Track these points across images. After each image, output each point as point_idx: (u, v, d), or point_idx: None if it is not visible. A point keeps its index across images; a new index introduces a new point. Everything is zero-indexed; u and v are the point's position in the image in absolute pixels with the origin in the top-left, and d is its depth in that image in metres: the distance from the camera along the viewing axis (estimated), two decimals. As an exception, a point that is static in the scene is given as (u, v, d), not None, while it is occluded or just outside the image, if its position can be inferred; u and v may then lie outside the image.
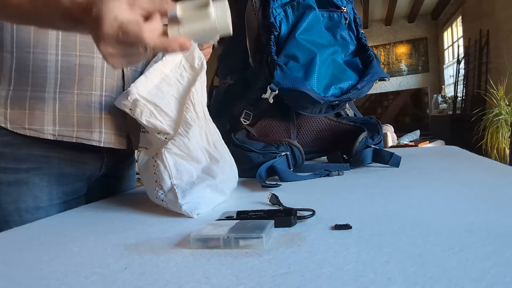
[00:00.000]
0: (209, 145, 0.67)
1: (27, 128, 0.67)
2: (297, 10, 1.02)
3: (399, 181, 0.72)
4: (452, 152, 1.15)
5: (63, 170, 0.73)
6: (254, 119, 1.06)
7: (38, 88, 0.68)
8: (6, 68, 0.66)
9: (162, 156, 0.61)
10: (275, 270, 0.33)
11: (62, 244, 0.47)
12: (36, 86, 0.67)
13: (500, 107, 4.47)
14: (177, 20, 0.47)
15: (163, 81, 0.66)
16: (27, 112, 0.67)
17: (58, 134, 0.69)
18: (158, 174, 0.61)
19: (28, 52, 0.66)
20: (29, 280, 0.36)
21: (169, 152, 0.62)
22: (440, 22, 7.70)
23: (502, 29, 4.78)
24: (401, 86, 7.92)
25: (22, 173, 0.68)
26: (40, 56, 0.67)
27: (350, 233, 0.42)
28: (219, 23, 0.48)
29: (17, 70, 0.67)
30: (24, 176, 0.68)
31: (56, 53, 0.68)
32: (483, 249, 0.34)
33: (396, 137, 4.95)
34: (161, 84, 0.65)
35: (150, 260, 0.38)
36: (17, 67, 0.66)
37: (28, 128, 0.67)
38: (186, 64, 0.69)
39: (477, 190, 0.59)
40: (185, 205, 0.57)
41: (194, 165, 0.63)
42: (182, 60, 0.69)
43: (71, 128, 0.71)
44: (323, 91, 0.94)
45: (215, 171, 0.64)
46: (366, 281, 0.30)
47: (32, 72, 0.67)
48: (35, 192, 0.69)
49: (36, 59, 0.67)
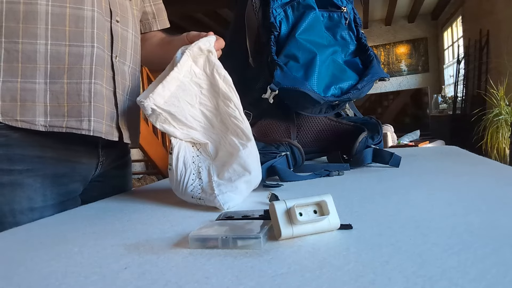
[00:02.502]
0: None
1: (19, 120, 0.67)
2: (297, 10, 1.02)
3: (399, 181, 0.72)
4: (452, 152, 1.15)
5: (57, 171, 0.73)
6: (254, 119, 1.06)
7: (28, 79, 0.67)
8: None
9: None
10: (275, 270, 0.33)
11: (62, 244, 0.47)
12: (26, 77, 0.67)
13: (500, 107, 4.47)
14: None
15: (179, 88, 0.66)
16: (18, 104, 0.67)
17: (49, 125, 0.69)
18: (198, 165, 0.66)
19: (17, 42, 0.66)
20: (29, 280, 0.36)
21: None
22: (440, 22, 7.70)
23: (502, 29, 4.78)
24: (401, 86, 7.92)
25: (16, 174, 0.68)
26: (29, 46, 0.67)
27: (350, 233, 0.42)
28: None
29: (6, 61, 0.66)
30: (18, 178, 0.68)
31: (45, 43, 0.68)
32: (483, 249, 0.34)
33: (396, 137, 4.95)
34: (177, 91, 0.66)
35: (150, 260, 0.38)
36: (5, 58, 0.66)
37: (20, 120, 0.67)
38: (195, 69, 0.69)
39: (477, 190, 0.59)
40: (219, 196, 0.59)
41: (238, 168, 0.65)
42: (192, 65, 0.68)
43: (61, 118, 0.70)
44: (323, 91, 0.94)
45: (251, 165, 0.65)
46: (366, 281, 0.30)
47: (21, 63, 0.67)
48: (29, 193, 0.69)
49: (25, 49, 0.67)
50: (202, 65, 0.69)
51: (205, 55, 0.69)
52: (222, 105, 0.68)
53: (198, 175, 0.66)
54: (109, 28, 0.77)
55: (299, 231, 0.41)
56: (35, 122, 0.68)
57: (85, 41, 0.71)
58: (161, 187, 0.90)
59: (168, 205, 0.66)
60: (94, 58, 0.73)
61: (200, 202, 0.62)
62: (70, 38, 0.70)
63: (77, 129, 0.71)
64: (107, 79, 0.76)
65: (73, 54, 0.70)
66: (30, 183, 0.69)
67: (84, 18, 0.71)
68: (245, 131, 0.68)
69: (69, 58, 0.70)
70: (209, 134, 0.70)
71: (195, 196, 0.62)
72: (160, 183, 1.01)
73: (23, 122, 0.67)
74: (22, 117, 0.67)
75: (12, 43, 0.66)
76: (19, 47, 0.66)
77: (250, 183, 0.65)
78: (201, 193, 0.62)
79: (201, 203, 0.61)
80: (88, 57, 0.72)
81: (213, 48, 0.70)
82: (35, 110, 0.68)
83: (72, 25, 0.70)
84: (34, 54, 0.67)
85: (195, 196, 0.62)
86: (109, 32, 0.77)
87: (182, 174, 0.65)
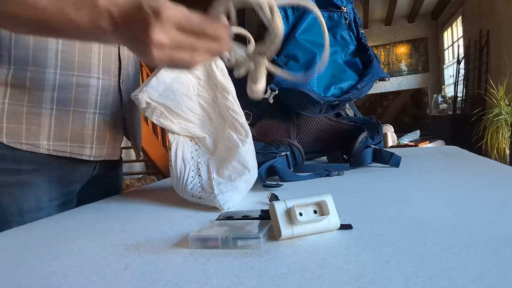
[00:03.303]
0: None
1: (23, 142, 0.68)
2: (297, 10, 1.02)
3: (399, 181, 0.72)
4: (452, 152, 1.15)
5: (61, 171, 0.74)
6: (254, 119, 1.06)
7: (35, 104, 0.68)
8: (1, 83, 0.66)
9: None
10: (275, 270, 0.33)
11: (62, 244, 0.47)
12: (33, 101, 0.68)
13: (500, 107, 4.48)
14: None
15: (174, 81, 0.66)
16: (24, 127, 0.68)
17: (52, 149, 0.71)
18: (199, 165, 0.66)
19: (26, 70, 0.66)
20: (29, 280, 0.36)
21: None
22: (440, 22, 7.70)
23: (502, 29, 4.78)
24: (401, 86, 7.92)
25: (24, 174, 0.69)
26: (38, 74, 0.67)
27: (350, 233, 0.42)
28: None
29: (14, 86, 0.66)
30: (26, 177, 0.69)
31: (54, 72, 0.69)
32: (483, 249, 0.34)
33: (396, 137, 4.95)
34: (173, 84, 0.66)
35: (150, 260, 0.38)
36: (13, 83, 0.66)
37: (25, 143, 0.68)
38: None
39: (477, 190, 0.59)
40: (219, 196, 0.59)
41: (238, 167, 0.65)
42: None
43: (64, 143, 0.72)
44: (323, 91, 0.94)
45: (250, 163, 0.65)
46: (366, 281, 0.30)
47: (28, 89, 0.67)
48: (36, 192, 0.70)
49: (34, 77, 0.67)
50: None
51: None
52: (220, 97, 0.68)
53: (198, 171, 0.66)
54: (116, 54, 0.78)
55: (299, 231, 0.41)
56: (39, 146, 0.69)
57: (92, 72, 0.73)
58: (161, 187, 0.90)
59: (168, 205, 0.66)
60: (100, 89, 0.75)
61: (200, 202, 0.62)
62: (78, 68, 0.71)
63: (79, 155, 0.75)
64: (112, 107, 0.79)
65: (81, 84, 0.72)
66: (37, 183, 0.70)
67: (91, 48, 0.73)
68: (244, 125, 0.68)
69: (76, 88, 0.72)
70: (207, 127, 0.70)
71: (195, 195, 0.62)
72: (160, 183, 1.01)
73: (28, 145, 0.68)
74: (27, 140, 0.68)
75: (22, 71, 0.66)
76: (27, 74, 0.67)
77: (249, 181, 0.65)
78: (201, 191, 0.62)
79: (201, 202, 0.61)
80: (94, 89, 0.74)
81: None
82: (39, 134, 0.69)
83: (81, 55, 0.71)
84: (42, 82, 0.68)
85: (195, 195, 0.62)
86: (116, 58, 0.78)
87: (181, 170, 0.65)
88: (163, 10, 0.39)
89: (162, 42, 0.40)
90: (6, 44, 0.65)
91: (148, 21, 0.40)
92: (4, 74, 0.66)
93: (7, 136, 0.66)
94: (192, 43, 0.40)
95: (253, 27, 1.04)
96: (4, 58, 0.65)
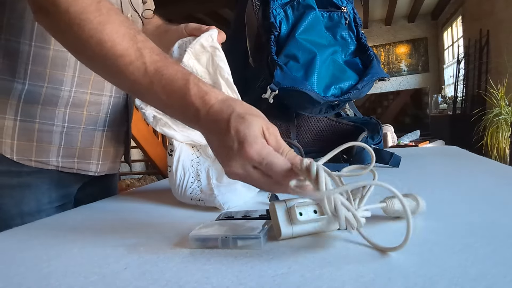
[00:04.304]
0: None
1: (33, 160, 0.68)
2: (297, 10, 1.01)
3: (399, 181, 0.72)
4: (452, 152, 1.15)
5: (61, 174, 0.74)
6: (254, 119, 1.06)
7: (46, 121, 0.68)
8: (14, 98, 0.65)
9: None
10: (275, 270, 0.33)
11: (62, 244, 0.47)
12: (44, 118, 0.68)
13: (500, 107, 4.48)
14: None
15: None
16: (34, 144, 0.68)
17: (61, 166, 0.72)
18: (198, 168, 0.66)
19: (42, 86, 0.66)
20: (29, 280, 0.36)
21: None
22: (440, 22, 7.70)
23: (502, 29, 4.78)
24: (401, 86, 7.92)
25: (25, 176, 0.68)
26: (53, 91, 0.67)
27: (350, 233, 0.42)
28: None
29: (26, 102, 0.66)
30: (26, 179, 0.69)
31: (70, 89, 0.69)
32: (483, 249, 0.34)
33: (396, 137, 4.95)
34: None
35: (150, 260, 0.38)
36: (26, 99, 0.66)
37: (34, 160, 0.68)
38: (198, 67, 0.68)
39: (477, 190, 0.59)
40: (219, 197, 0.59)
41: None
42: (195, 63, 0.68)
43: (72, 160, 0.73)
44: (323, 91, 0.94)
45: None
46: (366, 281, 0.30)
47: (41, 105, 0.67)
48: (37, 194, 0.70)
49: (49, 93, 0.67)
50: (205, 63, 0.68)
51: (209, 52, 0.68)
52: None
53: (197, 177, 0.66)
54: None
55: (299, 231, 0.41)
56: (48, 162, 0.70)
57: (104, 89, 0.74)
58: (161, 187, 0.90)
59: (168, 205, 0.66)
60: (110, 107, 0.76)
61: (200, 203, 0.61)
62: (92, 86, 0.72)
63: (85, 171, 0.76)
64: (119, 125, 0.80)
65: (93, 102, 0.73)
66: (38, 184, 0.70)
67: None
68: None
69: (88, 106, 0.72)
70: None
71: (195, 197, 0.62)
72: (160, 183, 1.01)
73: (37, 162, 0.69)
74: (37, 158, 0.68)
75: (37, 87, 0.66)
76: (42, 90, 0.67)
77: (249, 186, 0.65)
78: (200, 194, 0.62)
79: (200, 204, 0.61)
80: (105, 106, 0.75)
81: (216, 43, 0.68)
82: (49, 151, 0.70)
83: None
84: (56, 99, 0.68)
85: (194, 198, 0.62)
86: None
87: (181, 177, 0.66)
88: (246, 146, 0.39)
89: (237, 173, 0.40)
90: (24, 59, 0.65)
91: (230, 152, 0.40)
92: (18, 89, 0.65)
93: (17, 154, 0.66)
94: (259, 178, 0.41)
95: (253, 27, 1.04)
96: (20, 74, 0.65)
